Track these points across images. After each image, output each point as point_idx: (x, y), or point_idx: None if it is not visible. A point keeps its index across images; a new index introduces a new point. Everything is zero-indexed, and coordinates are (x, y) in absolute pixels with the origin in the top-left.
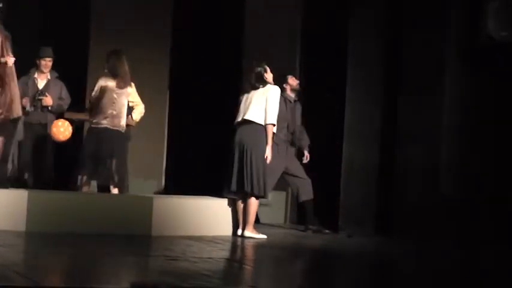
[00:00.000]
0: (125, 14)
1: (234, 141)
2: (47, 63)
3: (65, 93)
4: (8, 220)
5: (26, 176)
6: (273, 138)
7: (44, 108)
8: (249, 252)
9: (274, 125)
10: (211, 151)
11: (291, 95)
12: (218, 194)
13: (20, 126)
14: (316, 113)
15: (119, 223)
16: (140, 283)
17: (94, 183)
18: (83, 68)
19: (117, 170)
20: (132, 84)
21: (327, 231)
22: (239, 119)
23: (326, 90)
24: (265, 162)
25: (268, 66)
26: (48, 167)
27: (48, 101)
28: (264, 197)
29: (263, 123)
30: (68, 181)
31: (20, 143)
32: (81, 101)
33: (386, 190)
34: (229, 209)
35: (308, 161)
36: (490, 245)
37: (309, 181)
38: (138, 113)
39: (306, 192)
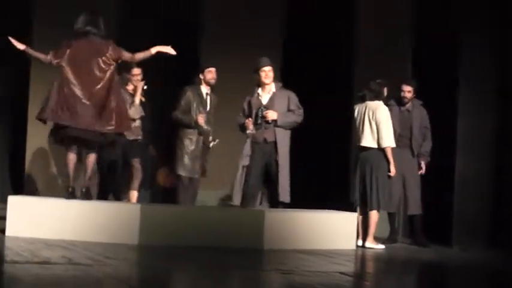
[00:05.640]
0: (236, 20)
1: (357, 159)
2: (267, 73)
3: (294, 104)
4: (121, 233)
5: (259, 198)
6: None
7: (269, 124)
8: (362, 266)
9: (391, 147)
10: (318, 163)
11: (405, 103)
12: (329, 207)
13: (247, 150)
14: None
15: (231, 236)
16: None
17: None
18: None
19: None
20: None
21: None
22: (357, 142)
23: (438, 99)
24: (388, 178)
25: (382, 79)
26: (283, 186)
27: (271, 115)
28: (386, 210)
29: (380, 147)
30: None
31: (247, 166)
32: None
33: (501, 202)
34: (342, 223)
35: (423, 173)
36: None
37: (418, 195)
38: None
39: (414, 206)
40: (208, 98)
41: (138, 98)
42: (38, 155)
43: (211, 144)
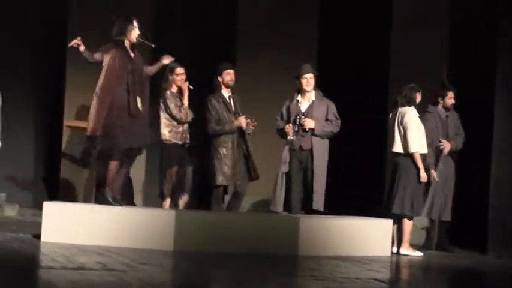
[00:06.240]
0: (271, 24)
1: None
2: (308, 80)
3: (332, 114)
4: (156, 239)
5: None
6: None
7: (306, 132)
8: (397, 273)
9: (419, 152)
10: (354, 170)
11: (443, 110)
12: (365, 213)
13: (286, 156)
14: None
15: (266, 242)
16: None
17: None
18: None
19: None
20: None
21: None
22: (389, 146)
23: (473, 103)
24: (417, 184)
25: (416, 84)
26: (318, 193)
27: (308, 123)
28: (414, 215)
29: (409, 152)
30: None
31: (286, 173)
32: None
33: None
34: (377, 229)
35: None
36: None
37: (450, 201)
38: None
39: (449, 212)
40: (232, 100)
41: (186, 100)
42: (73, 161)
43: (248, 131)
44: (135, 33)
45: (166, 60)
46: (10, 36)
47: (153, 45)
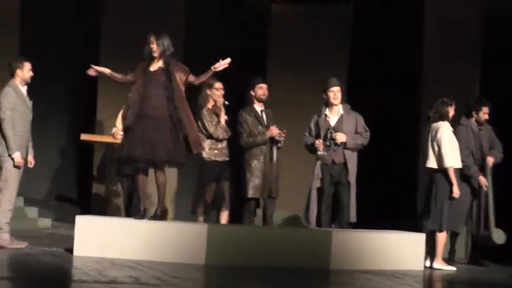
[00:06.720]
0: (301, 39)
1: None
2: (335, 94)
3: (361, 126)
4: (188, 253)
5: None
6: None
7: (338, 146)
8: (430, 287)
9: (453, 167)
10: (387, 183)
11: (475, 124)
12: (398, 227)
13: (318, 171)
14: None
15: (298, 256)
16: None
17: None
18: None
19: None
20: None
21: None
22: (424, 162)
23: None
24: (448, 198)
25: (448, 99)
26: (353, 205)
27: (340, 137)
28: (441, 230)
29: (442, 167)
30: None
31: (318, 188)
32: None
33: None
34: (409, 243)
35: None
36: None
37: (483, 215)
38: None
39: (479, 226)
40: (264, 114)
41: (223, 118)
42: (104, 175)
43: (279, 144)
44: (153, 48)
45: (220, 66)
46: (43, 52)
47: None
